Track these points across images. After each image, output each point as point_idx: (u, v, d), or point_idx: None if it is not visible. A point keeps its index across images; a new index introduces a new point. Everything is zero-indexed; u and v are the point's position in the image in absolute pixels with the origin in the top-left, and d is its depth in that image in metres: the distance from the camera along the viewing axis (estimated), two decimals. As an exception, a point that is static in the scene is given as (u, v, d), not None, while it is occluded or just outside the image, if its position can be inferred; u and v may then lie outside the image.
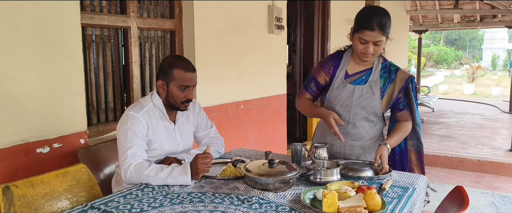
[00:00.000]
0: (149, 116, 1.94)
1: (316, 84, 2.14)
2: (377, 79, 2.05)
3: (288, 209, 1.50)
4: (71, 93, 2.21)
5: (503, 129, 7.17)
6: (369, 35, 1.89)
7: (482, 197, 4.19)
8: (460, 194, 1.73)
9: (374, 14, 1.90)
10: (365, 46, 1.92)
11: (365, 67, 2.07)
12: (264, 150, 2.23)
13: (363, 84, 2.05)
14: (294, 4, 5.25)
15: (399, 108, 2.10)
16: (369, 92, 2.04)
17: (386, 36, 1.92)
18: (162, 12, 3.00)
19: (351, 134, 2.11)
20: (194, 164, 1.75)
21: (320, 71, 2.13)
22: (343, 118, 2.07)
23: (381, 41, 1.92)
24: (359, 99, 2.04)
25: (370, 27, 1.87)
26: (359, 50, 1.96)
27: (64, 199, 1.77)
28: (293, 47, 5.45)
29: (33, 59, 2.03)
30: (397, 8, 8.53)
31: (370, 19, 1.88)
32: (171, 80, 1.92)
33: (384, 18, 1.89)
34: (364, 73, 2.07)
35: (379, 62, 2.08)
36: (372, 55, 1.97)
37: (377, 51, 1.96)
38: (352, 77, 2.07)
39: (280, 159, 1.87)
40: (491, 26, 10.69)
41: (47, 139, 2.11)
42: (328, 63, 2.12)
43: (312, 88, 2.15)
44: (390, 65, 2.09)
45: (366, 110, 2.05)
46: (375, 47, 1.93)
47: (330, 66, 2.10)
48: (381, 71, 2.06)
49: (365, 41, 1.91)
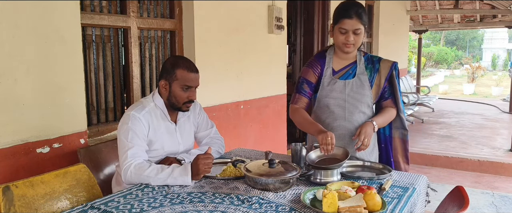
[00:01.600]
0: (150, 116, 1.94)
1: (309, 84, 2.13)
2: (363, 71, 2.11)
3: (288, 209, 1.50)
4: (71, 93, 2.21)
5: (503, 129, 7.16)
6: (348, 24, 1.97)
7: (482, 197, 4.19)
8: (460, 194, 1.73)
9: (350, 5, 2.01)
10: (345, 36, 1.99)
11: (349, 62, 2.13)
12: (264, 150, 2.23)
13: (351, 78, 2.10)
14: (294, 4, 5.25)
15: (384, 97, 2.15)
16: (359, 84, 2.09)
17: (364, 25, 2.00)
18: (162, 12, 3.00)
19: (348, 129, 2.11)
20: (195, 165, 1.75)
21: (308, 71, 2.14)
22: (338, 115, 2.10)
23: (360, 30, 1.99)
24: (351, 92, 2.08)
25: (348, 15, 1.96)
26: (340, 42, 2.02)
27: (64, 199, 1.77)
28: (293, 47, 5.45)
29: (33, 59, 2.03)
30: (397, 8, 8.52)
31: (347, 9, 1.98)
32: (174, 80, 1.92)
33: (360, 8, 1.99)
34: (349, 67, 2.12)
35: (361, 55, 2.14)
36: (353, 46, 2.02)
37: (357, 41, 2.02)
38: (339, 73, 2.12)
39: (280, 159, 1.87)
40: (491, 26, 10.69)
41: (47, 139, 2.11)
42: (315, 62, 2.15)
43: (306, 89, 2.14)
44: (372, 56, 2.17)
45: (360, 102, 2.09)
46: (355, 36, 1.99)
47: (317, 65, 2.14)
48: (365, 63, 2.12)
49: (345, 30, 1.98)
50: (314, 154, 1.88)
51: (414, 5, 9.40)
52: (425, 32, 11.12)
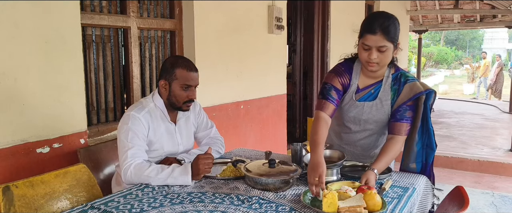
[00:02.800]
0: (150, 116, 1.94)
1: (337, 91, 1.93)
2: (387, 93, 1.91)
3: (288, 209, 1.50)
4: (71, 93, 2.21)
5: (503, 129, 7.16)
6: (371, 40, 1.75)
7: (482, 197, 4.19)
8: (460, 194, 1.73)
9: (377, 17, 1.78)
10: (368, 53, 1.78)
11: (375, 80, 1.93)
12: (264, 150, 2.23)
13: (372, 100, 1.92)
14: (294, 4, 5.25)
15: (395, 117, 1.89)
16: (379, 108, 1.92)
17: (392, 42, 1.77)
18: (162, 12, 3.00)
19: (361, 145, 2.06)
20: (196, 165, 1.75)
21: (336, 79, 1.95)
22: (353, 130, 2.02)
23: (386, 47, 1.76)
24: (369, 115, 1.94)
25: (372, 30, 1.75)
26: (363, 58, 1.83)
27: (64, 199, 1.77)
28: (293, 47, 5.44)
29: (33, 59, 2.03)
30: (397, 8, 8.53)
31: (372, 22, 1.77)
32: (174, 80, 1.92)
33: (387, 21, 1.76)
34: (373, 87, 1.93)
35: (389, 73, 1.91)
36: (377, 64, 1.80)
37: (383, 60, 1.80)
38: (361, 92, 1.95)
39: (280, 159, 1.87)
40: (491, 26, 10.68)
41: (47, 139, 2.11)
42: (343, 73, 1.95)
43: (334, 96, 1.91)
44: (402, 75, 1.91)
45: (376, 124, 1.96)
46: (379, 54, 1.77)
47: (345, 77, 1.94)
48: (392, 83, 1.90)
49: (367, 47, 1.78)
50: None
51: (414, 5, 9.40)
52: (425, 32, 11.12)
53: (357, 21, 2.08)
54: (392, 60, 1.88)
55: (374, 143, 2.06)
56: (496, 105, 10.24)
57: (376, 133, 2.02)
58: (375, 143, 2.06)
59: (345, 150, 2.08)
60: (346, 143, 2.08)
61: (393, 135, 1.89)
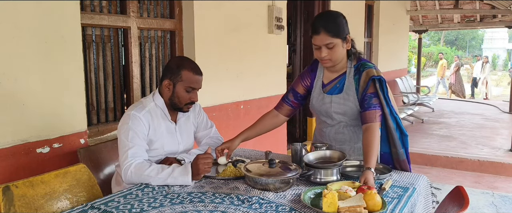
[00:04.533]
0: (151, 116, 1.94)
1: (295, 94, 2.14)
2: (351, 83, 1.99)
3: (288, 209, 1.50)
4: (71, 93, 2.21)
5: (503, 129, 7.16)
6: (316, 39, 1.89)
7: (482, 197, 4.19)
8: (460, 194, 1.73)
9: (319, 17, 1.92)
10: (318, 51, 1.91)
11: (338, 74, 2.04)
12: (264, 150, 2.23)
13: (338, 93, 2.02)
14: (294, 4, 5.25)
15: (364, 107, 1.94)
16: (346, 99, 2.00)
17: (337, 37, 1.88)
18: (162, 12, 3.00)
19: (338, 140, 2.10)
20: (195, 165, 1.75)
21: (298, 82, 2.14)
22: (329, 124, 2.10)
23: (333, 44, 1.87)
24: (337, 107, 2.02)
25: (316, 31, 1.88)
26: (317, 57, 1.96)
27: (64, 199, 1.77)
28: (293, 47, 5.44)
29: (33, 59, 2.03)
30: (397, 8, 8.53)
31: (315, 23, 1.89)
32: (179, 81, 1.93)
33: (329, 20, 1.88)
34: (337, 80, 2.04)
35: (351, 64, 2.01)
36: (330, 60, 1.92)
37: (333, 55, 1.90)
38: (327, 86, 2.06)
39: (280, 159, 1.88)
40: (491, 26, 10.69)
41: (47, 139, 2.11)
42: (305, 75, 2.13)
43: (290, 98, 2.16)
44: (361, 65, 1.99)
45: (347, 116, 2.03)
46: (329, 51, 1.89)
47: (307, 78, 2.12)
48: (354, 74, 2.00)
49: (317, 46, 1.90)
50: (312, 156, 1.88)
51: (414, 5, 9.40)
52: (425, 32, 11.13)
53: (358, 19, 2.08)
54: (351, 52, 1.99)
55: (352, 136, 2.09)
56: (496, 105, 10.24)
57: (350, 125, 2.07)
58: (354, 135, 2.09)
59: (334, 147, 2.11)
60: (328, 139, 2.14)
61: (367, 124, 1.91)
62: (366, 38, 7.05)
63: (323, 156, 1.90)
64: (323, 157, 1.89)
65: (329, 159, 1.87)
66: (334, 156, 1.89)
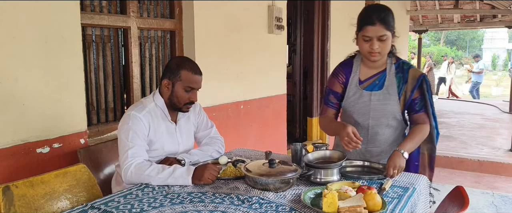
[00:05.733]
0: (151, 116, 1.94)
1: (335, 94, 2.03)
2: (392, 81, 1.96)
3: (288, 209, 1.50)
4: (71, 93, 2.21)
5: (503, 129, 7.16)
6: (371, 30, 1.84)
7: (482, 197, 4.19)
8: (460, 194, 1.73)
9: (374, 9, 1.89)
10: (369, 44, 1.86)
11: (378, 71, 1.99)
12: (264, 150, 2.23)
13: (378, 90, 1.96)
14: (294, 4, 5.24)
15: (415, 110, 1.98)
16: (386, 97, 1.95)
17: (390, 31, 1.86)
18: (162, 12, 3.00)
19: (371, 141, 2.04)
20: (201, 170, 1.76)
21: (334, 81, 2.04)
22: (362, 125, 2.01)
23: (386, 36, 1.85)
24: (377, 104, 1.96)
25: (371, 22, 1.84)
26: (365, 50, 1.90)
27: (64, 199, 1.77)
28: (293, 47, 5.44)
29: (33, 59, 2.03)
30: (397, 8, 8.52)
31: (370, 14, 1.86)
32: (178, 81, 1.93)
33: (384, 12, 1.86)
34: (377, 77, 1.98)
35: (391, 62, 1.98)
36: (379, 54, 1.88)
37: (384, 48, 1.88)
38: (365, 82, 1.99)
39: (280, 159, 1.87)
40: (491, 26, 10.69)
41: (47, 139, 2.11)
42: (339, 71, 2.04)
43: (332, 100, 2.03)
44: (403, 63, 1.99)
45: (385, 115, 1.97)
46: (380, 43, 1.86)
47: (342, 74, 2.03)
48: (395, 72, 1.97)
49: (368, 38, 1.85)
50: (312, 156, 1.88)
51: (414, 5, 9.39)
52: (425, 32, 11.12)
53: None
54: (392, 50, 1.97)
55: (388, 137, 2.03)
56: (496, 105, 10.24)
57: (387, 126, 2.00)
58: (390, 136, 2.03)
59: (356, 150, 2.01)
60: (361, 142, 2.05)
61: (420, 125, 1.98)
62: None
63: (323, 156, 1.90)
64: (323, 157, 1.89)
65: (329, 159, 1.87)
66: (334, 156, 1.89)
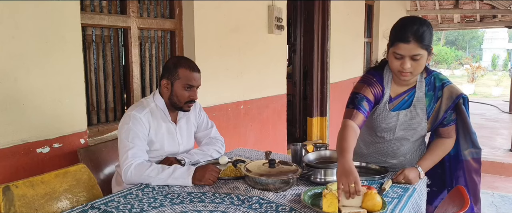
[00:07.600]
0: (151, 116, 1.94)
1: (369, 102, 1.81)
2: (422, 99, 1.82)
3: (288, 209, 1.50)
4: (71, 93, 2.21)
5: (503, 129, 7.17)
6: (403, 48, 1.65)
7: (482, 197, 4.13)
8: (460, 194, 1.73)
9: (409, 23, 1.67)
10: (401, 62, 1.68)
11: (408, 87, 1.84)
12: (264, 150, 2.23)
13: (406, 108, 1.83)
14: (294, 4, 5.24)
15: (442, 124, 1.86)
16: (414, 116, 1.84)
17: (426, 49, 1.66)
18: (162, 12, 3.00)
19: (392, 155, 1.99)
20: (202, 171, 1.76)
21: (367, 89, 1.82)
22: (385, 139, 1.93)
23: (420, 56, 1.65)
24: (403, 124, 1.85)
25: (404, 38, 1.64)
26: (395, 68, 1.72)
27: (64, 199, 1.77)
28: (293, 47, 5.44)
29: (33, 59, 2.03)
30: (397, 8, 8.52)
31: (404, 29, 1.65)
32: (176, 79, 1.93)
33: (421, 28, 1.64)
34: (406, 94, 1.84)
35: (422, 77, 1.82)
36: (411, 74, 1.70)
37: (417, 68, 1.69)
38: (394, 101, 1.85)
39: (280, 159, 1.87)
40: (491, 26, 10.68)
41: (47, 139, 2.11)
42: (375, 83, 1.83)
43: (365, 107, 1.79)
44: (435, 79, 1.83)
45: (410, 133, 1.88)
46: (413, 63, 1.67)
47: (377, 87, 1.83)
48: (426, 89, 1.82)
49: (400, 55, 1.67)
50: (312, 156, 1.88)
51: (414, 5, 9.40)
52: (425, 32, 11.10)
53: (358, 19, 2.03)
54: None
55: (411, 148, 1.98)
56: (496, 105, 10.24)
57: (411, 141, 1.93)
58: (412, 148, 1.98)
59: (374, 159, 2.02)
60: (377, 152, 2.00)
61: (443, 139, 1.90)
62: (366, 38, 7.04)
63: (323, 156, 1.90)
64: (323, 157, 1.89)
65: (329, 159, 1.87)
66: (334, 156, 1.89)
